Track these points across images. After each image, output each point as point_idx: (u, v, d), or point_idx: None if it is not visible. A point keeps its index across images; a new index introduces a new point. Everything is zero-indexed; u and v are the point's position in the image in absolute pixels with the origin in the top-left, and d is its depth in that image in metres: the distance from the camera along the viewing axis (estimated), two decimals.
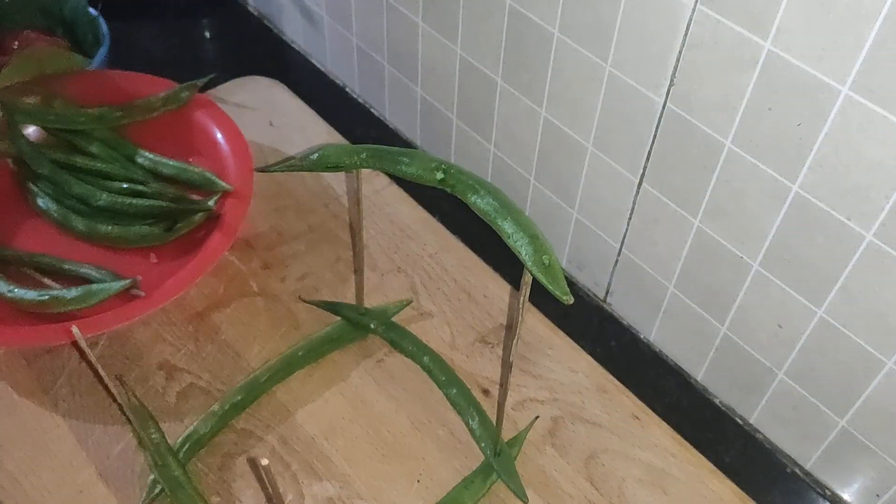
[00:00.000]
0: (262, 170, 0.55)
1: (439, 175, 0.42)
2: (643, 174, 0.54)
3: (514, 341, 0.44)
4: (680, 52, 0.47)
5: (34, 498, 0.50)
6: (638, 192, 0.56)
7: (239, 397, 0.54)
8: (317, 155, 0.46)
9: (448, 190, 0.42)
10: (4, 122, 0.63)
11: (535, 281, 0.39)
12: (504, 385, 0.49)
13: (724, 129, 0.47)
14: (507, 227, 0.39)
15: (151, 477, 0.51)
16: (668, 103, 0.49)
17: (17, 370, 0.56)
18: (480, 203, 0.40)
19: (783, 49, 0.42)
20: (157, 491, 0.50)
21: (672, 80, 0.48)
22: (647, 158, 0.53)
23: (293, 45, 0.85)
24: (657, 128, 0.51)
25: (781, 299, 0.50)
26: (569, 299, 0.37)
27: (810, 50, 0.41)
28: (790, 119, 0.44)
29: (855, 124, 0.41)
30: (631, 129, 0.53)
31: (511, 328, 0.60)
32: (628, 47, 0.50)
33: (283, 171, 0.57)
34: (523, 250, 0.38)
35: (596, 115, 0.55)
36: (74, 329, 0.42)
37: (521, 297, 0.41)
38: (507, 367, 0.54)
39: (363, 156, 0.44)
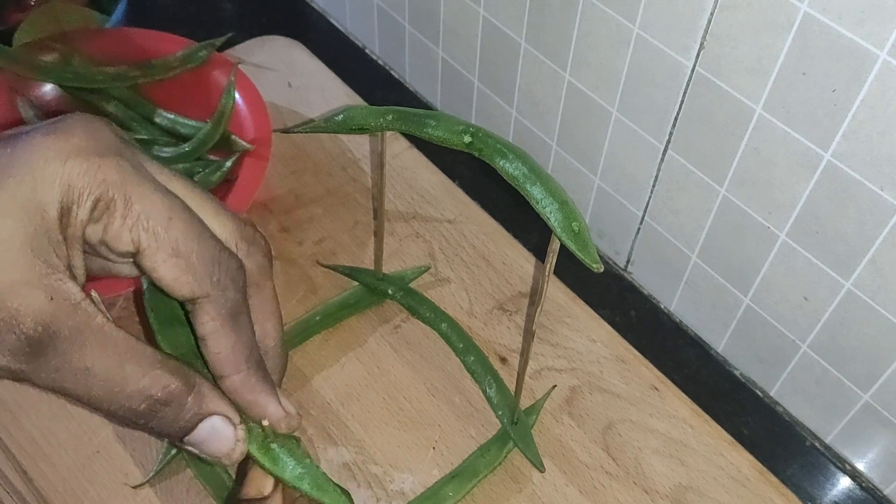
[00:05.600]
0: (285, 131, 0.54)
1: (467, 138, 0.41)
2: (669, 141, 0.53)
3: (538, 309, 0.43)
4: (711, 14, 0.45)
5: (52, 458, 0.51)
6: (663, 159, 0.54)
7: None
8: (342, 116, 0.45)
9: (475, 154, 0.41)
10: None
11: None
12: (525, 354, 0.48)
13: (755, 95, 0.46)
14: (535, 193, 0.38)
15: None
16: (697, 67, 0.48)
17: None
18: (509, 168, 0.39)
19: (820, 11, 0.40)
20: (173, 453, 0.50)
21: (702, 44, 0.47)
22: (674, 125, 0.52)
23: (312, 4, 0.83)
24: (685, 93, 0.50)
25: (808, 271, 0.49)
26: (599, 267, 0.36)
27: (849, 13, 0.39)
28: (825, 84, 0.42)
29: (892, 91, 0.40)
30: (658, 94, 0.52)
31: (530, 296, 0.59)
32: (657, 8, 0.48)
33: (305, 133, 0.56)
34: (552, 216, 0.37)
35: (622, 80, 0.53)
36: (93, 292, 0.41)
37: (547, 265, 0.40)
38: (528, 335, 0.53)
39: (389, 118, 0.43)
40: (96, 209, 0.31)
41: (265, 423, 0.35)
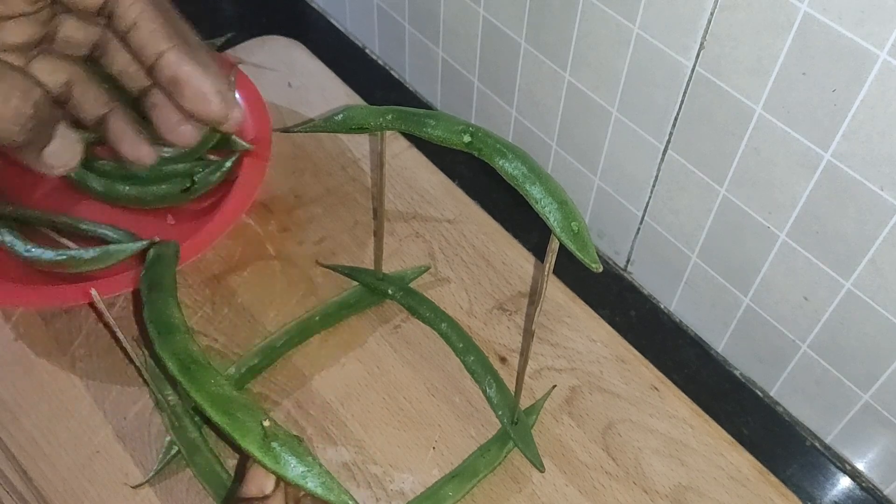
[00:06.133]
0: (285, 131, 0.54)
1: (466, 138, 0.41)
2: (669, 141, 0.53)
3: (538, 309, 0.43)
4: (711, 14, 0.45)
5: (51, 458, 0.51)
6: (663, 159, 0.54)
7: (255, 361, 0.54)
8: (342, 116, 0.45)
9: (475, 153, 0.41)
10: None
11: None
12: (525, 353, 0.48)
13: (755, 95, 0.46)
14: (535, 193, 0.38)
15: (168, 438, 0.51)
16: (697, 67, 0.48)
17: (34, 330, 0.56)
18: (508, 167, 0.39)
19: (820, 11, 0.40)
20: (173, 452, 0.50)
21: (702, 44, 0.47)
22: (674, 125, 0.52)
23: (312, 4, 0.83)
24: (685, 93, 0.50)
25: (808, 271, 0.49)
26: (598, 267, 0.36)
27: (849, 13, 0.39)
28: (825, 84, 0.42)
29: (892, 91, 0.40)
30: (658, 94, 0.52)
31: (530, 296, 0.59)
32: (657, 8, 0.48)
33: (305, 132, 0.56)
34: (552, 216, 0.37)
35: (622, 80, 0.53)
36: (93, 291, 0.41)
37: (547, 265, 0.40)
38: (528, 335, 0.53)
39: (389, 117, 0.43)
40: None
41: (266, 422, 0.35)
